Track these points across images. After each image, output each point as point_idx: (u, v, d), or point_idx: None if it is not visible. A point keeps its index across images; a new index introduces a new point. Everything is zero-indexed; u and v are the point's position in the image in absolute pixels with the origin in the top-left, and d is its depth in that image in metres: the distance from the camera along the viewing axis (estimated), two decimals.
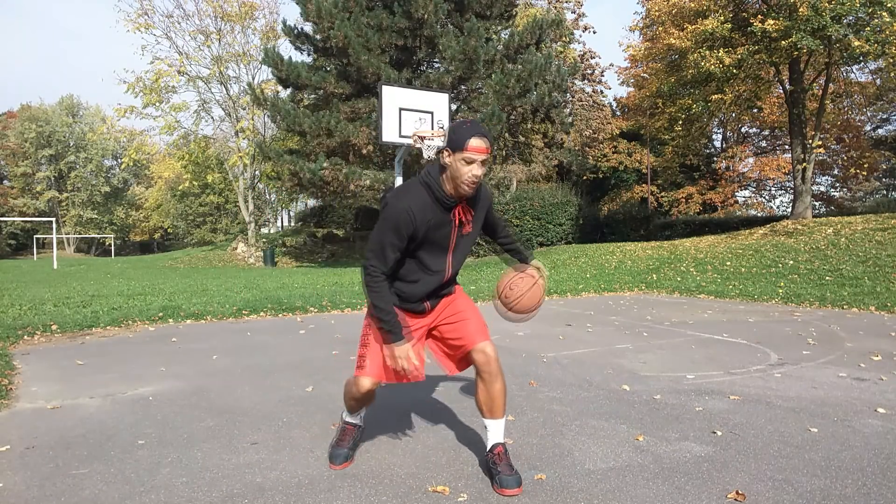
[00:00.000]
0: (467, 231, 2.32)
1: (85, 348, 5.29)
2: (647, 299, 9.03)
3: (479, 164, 2.14)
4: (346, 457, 2.48)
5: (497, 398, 2.30)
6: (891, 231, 11.81)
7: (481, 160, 2.15)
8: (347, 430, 2.56)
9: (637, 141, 30.86)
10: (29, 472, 2.43)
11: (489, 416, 2.33)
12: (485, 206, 2.39)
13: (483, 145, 2.15)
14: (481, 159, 2.14)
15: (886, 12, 13.01)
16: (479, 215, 2.37)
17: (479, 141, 2.14)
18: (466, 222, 2.30)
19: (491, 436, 2.34)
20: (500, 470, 2.24)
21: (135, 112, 27.92)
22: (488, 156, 2.17)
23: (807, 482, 2.26)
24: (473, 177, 2.14)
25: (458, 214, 2.26)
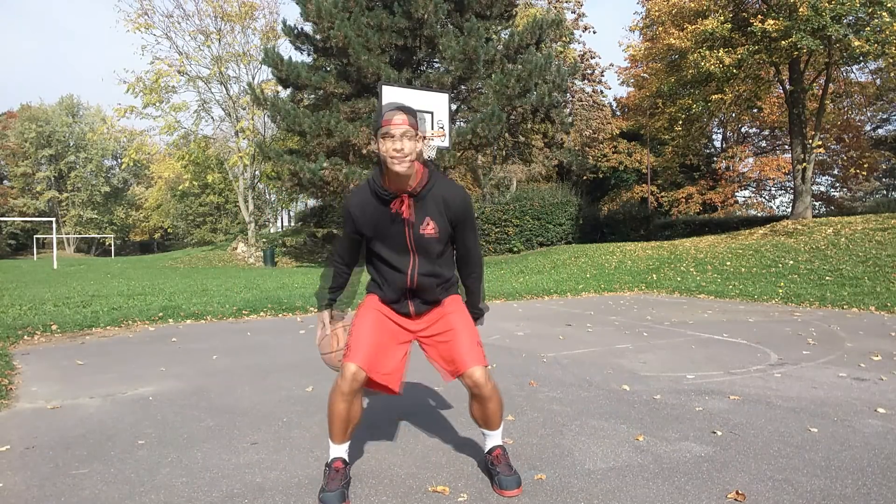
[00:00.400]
0: (428, 233, 2.17)
1: (85, 348, 5.29)
2: (647, 299, 9.03)
3: (398, 138, 2.03)
4: (342, 497, 2.12)
5: (491, 416, 2.26)
6: (891, 231, 11.81)
7: (400, 133, 2.03)
8: (335, 469, 2.19)
9: (637, 141, 30.87)
10: (29, 472, 2.43)
11: (485, 427, 2.32)
12: (451, 210, 2.19)
13: (396, 119, 2.05)
14: (399, 132, 2.03)
15: (886, 12, 13.02)
16: (442, 219, 2.19)
17: (394, 114, 2.06)
18: (422, 221, 2.17)
19: (489, 441, 2.34)
20: (500, 470, 2.23)
21: (135, 112, 27.93)
22: (408, 128, 2.05)
23: (807, 482, 2.26)
24: (394, 150, 2.03)
25: (396, 207, 2.14)
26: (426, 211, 2.17)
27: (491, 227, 21.15)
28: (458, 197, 2.20)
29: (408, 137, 2.05)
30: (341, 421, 2.18)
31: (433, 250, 2.22)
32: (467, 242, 2.30)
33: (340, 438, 2.22)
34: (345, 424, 2.19)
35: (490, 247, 21.20)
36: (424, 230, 2.18)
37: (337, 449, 2.23)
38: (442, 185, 2.19)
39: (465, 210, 2.22)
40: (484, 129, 16.96)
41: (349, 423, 2.20)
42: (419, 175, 2.16)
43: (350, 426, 2.21)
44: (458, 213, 2.21)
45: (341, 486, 2.14)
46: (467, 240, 2.29)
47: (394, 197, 2.14)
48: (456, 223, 2.23)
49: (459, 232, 2.26)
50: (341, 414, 2.17)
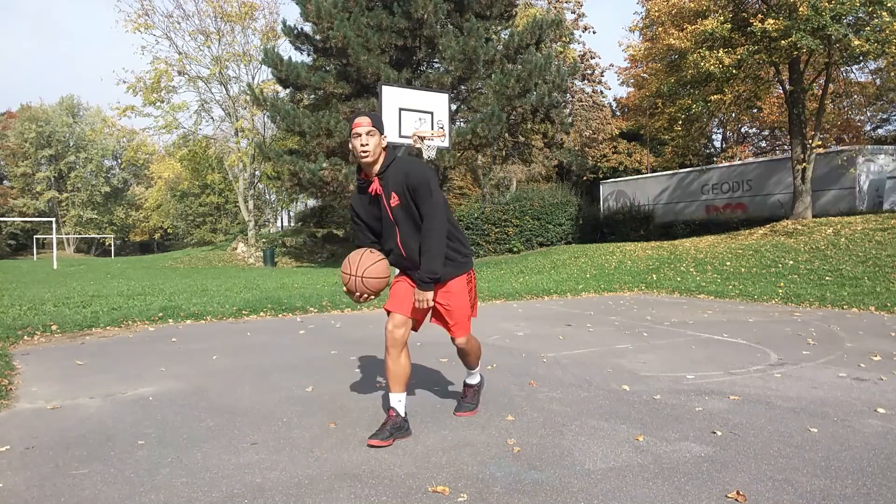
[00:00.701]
0: (394, 203, 2.69)
1: (85, 348, 5.29)
2: (647, 299, 9.03)
3: (364, 136, 2.62)
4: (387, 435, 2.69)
5: (471, 360, 3.08)
6: (891, 231, 11.82)
7: (366, 132, 2.63)
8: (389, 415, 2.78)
9: (637, 141, 30.87)
10: (29, 472, 2.43)
11: (467, 367, 3.15)
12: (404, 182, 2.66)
13: (363, 120, 2.65)
14: (365, 131, 2.63)
15: (886, 12, 13.01)
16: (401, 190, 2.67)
17: (359, 118, 2.67)
18: (390, 196, 2.68)
19: (468, 377, 3.20)
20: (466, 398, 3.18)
21: (135, 111, 27.93)
22: (371, 128, 2.64)
23: (807, 482, 2.26)
24: (361, 145, 2.63)
25: (374, 189, 2.70)
26: (390, 187, 2.69)
27: (491, 227, 21.14)
28: (410, 170, 2.67)
29: (370, 135, 2.64)
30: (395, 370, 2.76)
31: (408, 218, 2.70)
32: (421, 209, 2.68)
33: (397, 387, 2.78)
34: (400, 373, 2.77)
35: (490, 247, 21.19)
36: (391, 202, 2.69)
37: (393, 398, 2.79)
38: (400, 164, 2.71)
39: (416, 181, 2.65)
40: (484, 129, 16.96)
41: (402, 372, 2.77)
42: (380, 159, 2.71)
43: (404, 376, 2.78)
44: (411, 184, 2.66)
45: (391, 427, 2.72)
46: (421, 206, 2.68)
47: (370, 183, 2.72)
48: (412, 193, 2.67)
49: (417, 202, 2.68)
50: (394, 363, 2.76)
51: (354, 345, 5.34)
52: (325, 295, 9.24)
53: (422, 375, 4.09)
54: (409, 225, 2.71)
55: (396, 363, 2.75)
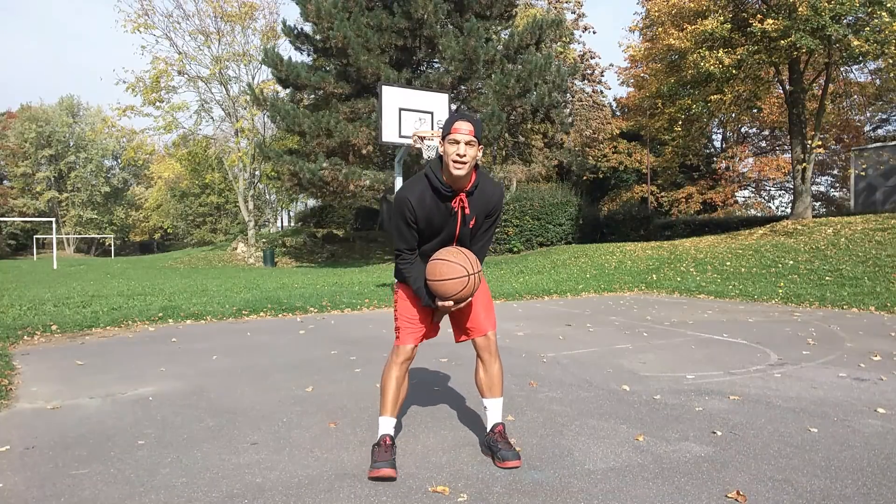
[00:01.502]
0: (471, 226, 2.48)
1: (85, 348, 5.29)
2: (647, 299, 9.03)
3: (463, 145, 2.30)
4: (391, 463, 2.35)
5: (495, 378, 2.57)
6: (891, 231, 11.82)
7: (465, 140, 2.31)
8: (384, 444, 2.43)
9: (637, 141, 30.85)
10: (29, 472, 2.43)
11: (489, 395, 2.59)
12: (489, 204, 2.48)
13: (464, 127, 2.32)
14: (465, 140, 2.30)
15: (886, 12, 13.01)
16: (482, 212, 2.48)
17: (461, 123, 2.33)
18: (471, 217, 2.45)
19: (490, 415, 2.59)
20: (501, 447, 2.46)
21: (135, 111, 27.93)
22: (472, 137, 2.32)
23: (807, 482, 2.26)
24: (457, 155, 2.30)
25: (458, 203, 2.41)
26: (475, 207, 2.46)
27: None
28: (496, 194, 2.51)
29: (470, 145, 2.32)
30: (394, 394, 2.50)
31: (468, 238, 2.53)
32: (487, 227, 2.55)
33: (391, 410, 2.51)
34: (396, 394, 2.51)
35: (490, 247, 21.17)
36: (469, 224, 2.48)
37: (386, 423, 2.50)
38: (485, 183, 2.47)
39: (499, 205, 2.53)
40: (484, 129, 16.95)
41: (399, 394, 2.52)
42: (472, 176, 2.43)
43: (400, 399, 2.53)
44: (494, 207, 2.51)
45: (391, 458, 2.38)
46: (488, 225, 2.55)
47: (454, 194, 2.40)
48: (488, 214, 2.52)
49: (487, 220, 2.54)
50: (394, 384, 2.50)
51: (354, 345, 5.34)
52: (325, 295, 9.24)
53: (422, 376, 4.09)
54: (465, 242, 2.54)
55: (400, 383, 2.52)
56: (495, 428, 2.54)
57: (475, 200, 2.44)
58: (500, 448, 2.46)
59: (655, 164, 29.92)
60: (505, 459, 2.42)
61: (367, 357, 4.78)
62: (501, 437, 2.50)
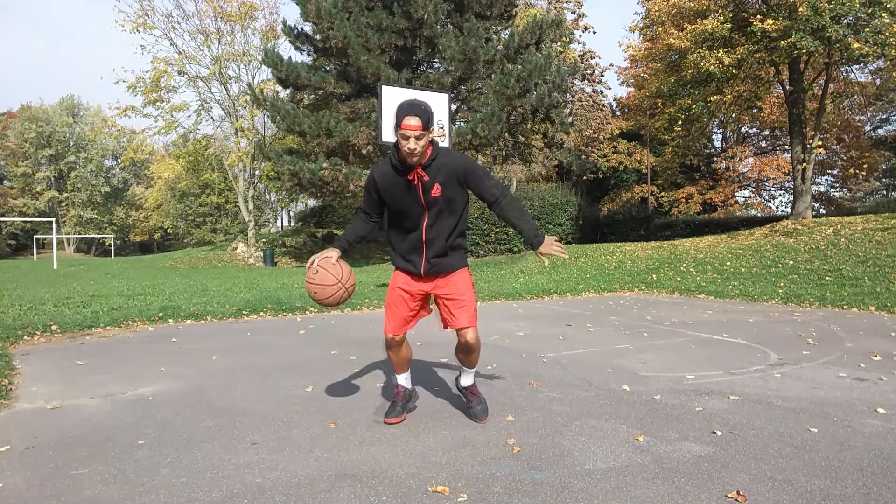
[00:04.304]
0: (437, 193, 2.70)
1: (85, 348, 5.29)
2: (647, 299, 9.03)
3: (413, 140, 2.57)
4: (398, 413, 3.00)
5: (473, 359, 2.99)
6: (891, 231, 11.81)
7: (415, 136, 2.56)
8: (398, 392, 3.07)
9: (637, 141, 30.85)
10: (29, 472, 2.43)
11: (465, 366, 3.05)
12: (454, 173, 2.71)
13: (413, 122, 2.55)
14: (414, 135, 2.56)
15: (886, 13, 13.00)
16: (449, 182, 2.71)
17: (409, 119, 2.56)
18: (432, 186, 2.69)
19: (464, 380, 3.09)
20: (471, 401, 3.07)
21: (135, 111, 27.93)
22: (421, 132, 2.56)
23: (807, 482, 2.26)
24: (407, 150, 2.59)
25: (416, 177, 2.68)
26: (434, 178, 2.70)
27: (491, 227, 21.14)
28: (457, 161, 2.74)
29: (419, 139, 2.58)
30: (397, 361, 3.01)
31: (448, 212, 2.77)
32: (487, 190, 2.77)
33: (400, 370, 3.05)
34: (401, 361, 3.01)
35: (490, 247, 21.20)
36: (433, 192, 2.71)
37: (399, 378, 3.07)
38: (442, 156, 2.72)
39: (466, 169, 2.74)
40: (484, 129, 16.96)
41: (404, 360, 3.01)
42: (428, 153, 2.69)
43: (405, 362, 3.03)
44: (462, 172, 2.73)
45: (400, 405, 3.04)
46: (485, 188, 2.77)
47: (409, 169, 2.68)
48: (466, 180, 2.75)
49: (473, 186, 2.77)
50: (395, 357, 3.00)
51: (354, 345, 5.34)
52: None
53: (422, 375, 4.09)
54: (441, 213, 2.77)
55: (398, 354, 2.98)
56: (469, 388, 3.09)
57: (434, 170, 2.69)
58: (472, 404, 3.05)
59: (655, 164, 29.92)
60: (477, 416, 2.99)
61: (367, 357, 4.78)
62: (472, 394, 3.08)
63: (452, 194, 2.75)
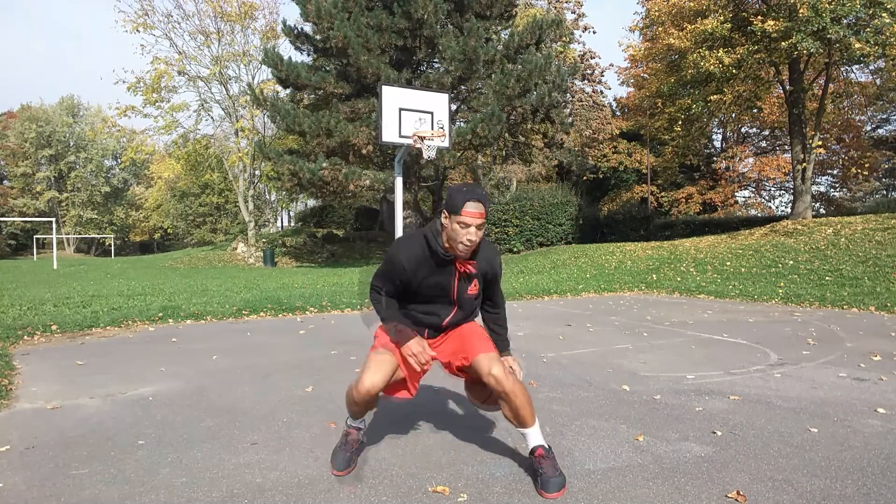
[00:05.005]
0: (471, 292, 2.44)
1: (85, 348, 5.29)
2: (647, 299, 9.03)
3: (474, 229, 2.23)
4: (348, 462, 2.40)
5: (521, 410, 2.31)
6: (891, 231, 11.82)
7: (477, 224, 2.23)
8: (350, 434, 2.47)
9: (637, 141, 30.85)
10: (29, 472, 2.43)
11: (520, 426, 2.35)
12: (489, 270, 2.45)
13: (478, 210, 2.22)
14: (477, 223, 2.22)
15: (887, 13, 13.00)
16: (482, 277, 2.46)
17: (475, 206, 2.21)
18: (471, 282, 2.42)
19: (530, 441, 2.34)
20: (544, 471, 2.22)
21: (134, 111, 27.94)
22: (483, 220, 2.25)
23: (807, 482, 2.26)
24: (468, 241, 2.24)
25: (461, 271, 2.37)
26: (478, 272, 2.42)
27: (491, 227, 21.15)
28: (494, 260, 2.47)
29: (479, 227, 2.25)
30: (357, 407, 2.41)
31: (469, 305, 2.49)
32: (495, 295, 2.60)
33: (357, 417, 2.48)
34: (360, 410, 2.43)
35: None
36: (470, 290, 2.43)
37: (354, 420, 2.50)
38: (485, 250, 2.42)
39: (498, 270, 2.51)
40: (484, 129, 16.96)
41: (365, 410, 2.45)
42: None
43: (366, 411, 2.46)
44: (493, 272, 2.49)
45: (352, 452, 2.44)
46: (495, 293, 2.59)
47: (453, 258, 2.34)
48: (489, 280, 2.51)
49: (490, 286, 2.55)
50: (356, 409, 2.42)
51: (354, 345, 5.34)
52: (325, 295, 9.23)
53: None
54: (465, 307, 2.48)
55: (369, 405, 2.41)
56: (535, 451, 2.31)
57: (475, 266, 2.39)
58: (543, 473, 2.22)
59: (655, 164, 29.92)
60: (545, 489, 2.17)
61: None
62: (542, 461, 2.25)
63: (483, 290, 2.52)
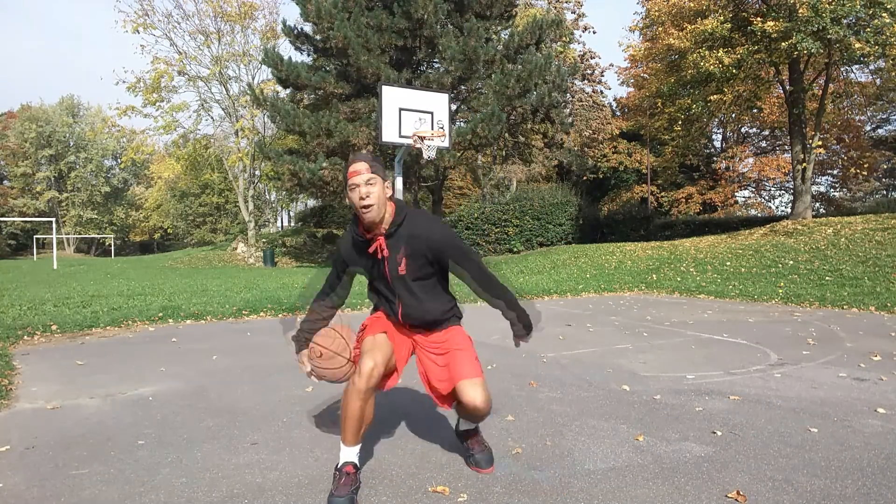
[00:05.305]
0: (401, 271, 2.23)
1: (85, 348, 5.29)
2: (647, 299, 9.03)
3: (363, 186, 2.13)
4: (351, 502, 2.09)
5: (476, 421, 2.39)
6: (891, 231, 11.82)
7: (364, 181, 2.13)
8: (346, 474, 2.14)
9: (637, 141, 30.87)
10: (29, 472, 2.43)
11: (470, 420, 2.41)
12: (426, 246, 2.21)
13: (357, 168, 2.15)
14: (364, 180, 2.13)
15: (887, 13, 13.00)
16: (416, 254, 2.22)
17: (355, 165, 2.16)
18: (395, 261, 2.22)
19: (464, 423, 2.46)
20: (474, 450, 2.42)
21: (134, 111, 27.95)
22: (371, 175, 2.14)
23: (807, 482, 2.26)
24: (360, 201, 2.13)
25: (377, 250, 2.23)
26: (398, 249, 2.22)
27: (491, 227, 21.15)
28: (427, 232, 2.21)
29: (371, 184, 2.13)
30: (355, 420, 2.15)
31: (410, 287, 2.27)
32: (470, 273, 2.27)
33: (353, 440, 2.18)
34: (359, 424, 2.17)
35: (490, 247, 21.20)
36: (399, 268, 2.23)
37: (348, 452, 2.19)
38: (412, 221, 2.22)
39: (442, 243, 2.21)
40: (484, 129, 16.96)
41: (363, 422, 2.18)
42: (391, 214, 2.21)
43: (363, 427, 2.20)
44: (434, 247, 2.21)
45: (350, 492, 2.10)
46: (467, 271, 2.27)
47: (371, 241, 2.23)
48: (440, 257, 2.23)
49: (452, 265, 2.26)
50: (356, 413, 2.15)
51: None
52: None
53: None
54: (409, 292, 2.27)
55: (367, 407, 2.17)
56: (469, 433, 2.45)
57: (399, 240, 2.21)
58: (473, 453, 2.41)
59: (655, 164, 29.93)
60: (479, 465, 2.37)
61: None
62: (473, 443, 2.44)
63: (423, 272, 2.25)
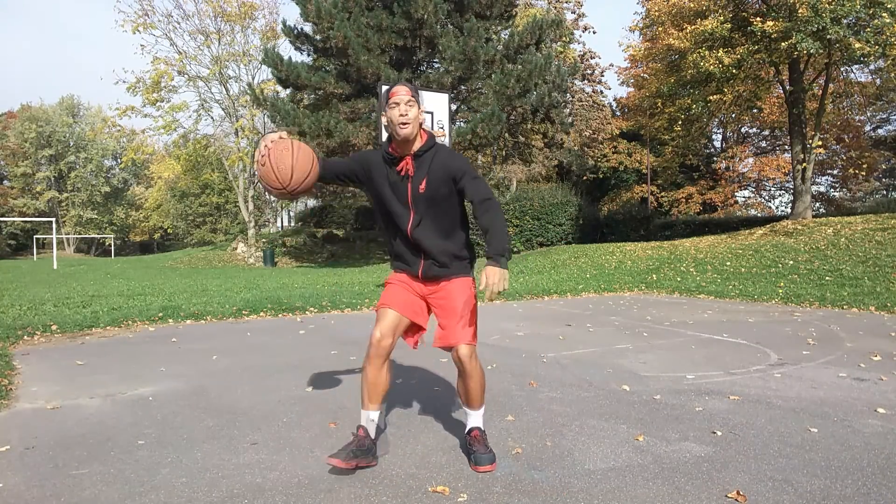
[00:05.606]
0: (422, 190, 2.45)
1: (85, 348, 5.29)
2: (647, 299, 9.03)
3: (403, 105, 2.36)
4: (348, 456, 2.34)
5: (472, 392, 2.51)
6: (891, 231, 11.82)
7: (405, 101, 2.36)
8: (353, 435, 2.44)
9: (637, 141, 30.87)
10: (29, 472, 2.43)
11: (466, 405, 2.59)
12: (445, 169, 2.44)
13: (402, 89, 2.39)
14: (405, 100, 2.36)
15: (887, 13, 13.00)
16: (437, 177, 2.44)
17: (398, 87, 2.40)
18: (418, 180, 2.44)
19: (470, 421, 2.58)
20: (476, 449, 2.46)
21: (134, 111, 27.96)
22: (411, 97, 2.37)
23: (807, 482, 2.26)
24: (400, 115, 2.36)
25: (405, 168, 2.45)
26: (424, 172, 2.45)
27: None
28: (451, 159, 2.48)
29: (410, 105, 2.37)
30: (369, 385, 2.44)
31: (430, 207, 2.48)
32: (470, 188, 2.46)
33: (367, 404, 2.46)
34: (372, 388, 2.45)
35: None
36: (420, 187, 2.45)
37: (363, 415, 2.47)
38: (439, 149, 2.49)
39: (460, 168, 2.45)
40: (484, 129, 16.97)
41: (377, 388, 2.45)
42: (422, 140, 2.47)
43: (378, 392, 2.46)
44: (453, 170, 2.45)
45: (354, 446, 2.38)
46: (469, 186, 2.46)
47: (399, 159, 2.46)
48: (456, 179, 2.46)
49: (461, 184, 2.47)
50: (368, 378, 2.44)
51: (354, 345, 5.34)
52: (325, 295, 9.23)
53: (422, 376, 4.09)
54: (428, 213, 2.48)
55: (378, 374, 2.44)
56: (471, 432, 2.53)
57: (424, 162, 2.45)
58: (476, 451, 2.45)
59: (655, 164, 29.93)
60: (478, 463, 2.40)
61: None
62: (476, 442, 2.49)
63: (440, 193, 2.46)
